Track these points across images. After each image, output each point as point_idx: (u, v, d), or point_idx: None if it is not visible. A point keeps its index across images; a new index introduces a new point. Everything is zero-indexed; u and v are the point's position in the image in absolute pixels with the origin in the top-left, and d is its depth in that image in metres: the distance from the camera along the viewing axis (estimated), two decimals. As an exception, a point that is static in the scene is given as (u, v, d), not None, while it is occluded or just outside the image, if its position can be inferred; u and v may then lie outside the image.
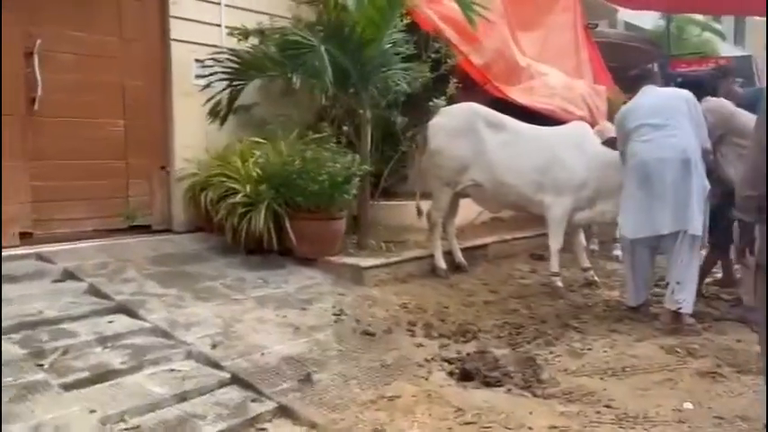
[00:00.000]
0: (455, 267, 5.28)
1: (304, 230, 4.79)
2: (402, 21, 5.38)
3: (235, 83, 5.09)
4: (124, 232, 5.12)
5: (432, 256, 5.17)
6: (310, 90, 4.94)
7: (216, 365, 3.19)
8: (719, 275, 5.02)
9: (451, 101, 5.66)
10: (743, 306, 4.17)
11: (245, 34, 5.39)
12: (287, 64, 4.80)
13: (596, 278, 5.18)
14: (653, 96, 4.26)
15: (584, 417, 2.93)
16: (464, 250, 5.45)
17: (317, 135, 5.05)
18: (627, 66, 10.74)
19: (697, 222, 3.98)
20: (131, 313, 3.68)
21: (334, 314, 4.06)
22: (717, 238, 4.39)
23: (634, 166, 4.18)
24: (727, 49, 19.27)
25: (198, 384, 2.98)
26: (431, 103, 5.42)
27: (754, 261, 2.75)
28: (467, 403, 3.05)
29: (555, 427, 2.81)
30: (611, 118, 7.28)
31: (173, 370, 3.13)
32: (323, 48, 4.52)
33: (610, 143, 4.66)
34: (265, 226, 4.70)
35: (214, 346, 3.40)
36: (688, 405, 3.02)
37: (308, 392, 3.01)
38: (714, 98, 4.47)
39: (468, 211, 6.01)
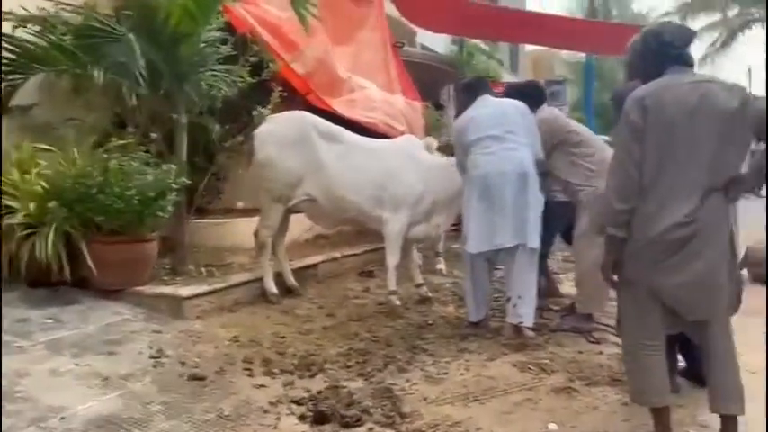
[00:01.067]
0: (286, 291, 4.81)
1: (106, 256, 4.00)
2: (218, 18, 4.82)
3: (11, 77, 4.11)
4: None
5: (260, 279, 4.65)
6: (116, 90, 4.13)
7: (-4, 444, 2.39)
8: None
9: (274, 110, 5.21)
10: (575, 316, 4.27)
11: (22, 20, 4.40)
12: (83, 56, 3.96)
13: (429, 294, 5.06)
14: (492, 107, 4.22)
15: (457, 452, 2.67)
16: (294, 271, 5.01)
17: (120, 142, 4.25)
18: (431, 84, 11.21)
19: (535, 235, 4.00)
20: None
21: (152, 356, 3.38)
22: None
23: (475, 178, 4.10)
24: (506, 76, 21.24)
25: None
26: (255, 112, 4.92)
27: (618, 277, 2.72)
28: (327, 452, 2.62)
29: (430, 470, 2.50)
30: (428, 133, 7.40)
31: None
32: (132, 37, 3.78)
33: None
34: (54, 252, 3.85)
35: (-9, 416, 2.57)
36: (553, 426, 2.90)
37: (131, 466, 2.36)
38: (548, 108, 4.55)
39: (293, 227, 5.59)
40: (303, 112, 4.99)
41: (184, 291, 4.07)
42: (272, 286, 4.60)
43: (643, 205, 2.57)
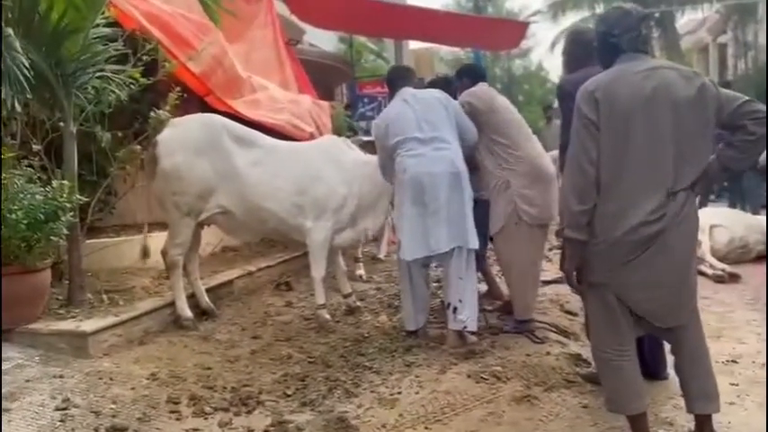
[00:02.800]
0: (202, 313, 4.34)
1: (-13, 292, 3.37)
2: (105, 12, 4.25)
3: None
4: None
5: (171, 304, 4.15)
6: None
7: None
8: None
9: (172, 113, 4.71)
10: (513, 317, 4.16)
11: None
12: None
13: (358, 303, 4.78)
14: (413, 104, 4.00)
15: (431, 485, 2.43)
16: (207, 291, 4.53)
17: (-4, 157, 3.60)
18: (325, 83, 10.92)
19: (473, 236, 3.85)
20: None
21: (58, 409, 2.85)
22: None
23: (406, 182, 3.87)
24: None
25: None
26: (152, 115, 4.39)
27: (582, 281, 2.59)
28: (288, 505, 2.29)
29: None
30: (336, 134, 7.09)
31: None
32: (11, 32, 3.17)
33: None
34: None
35: None
36: (521, 440, 2.74)
37: None
38: (478, 86, 4.34)
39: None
40: (212, 115, 4.56)
41: (87, 325, 3.52)
42: (186, 311, 4.11)
43: (604, 204, 2.44)
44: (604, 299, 2.50)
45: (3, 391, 2.94)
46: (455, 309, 3.83)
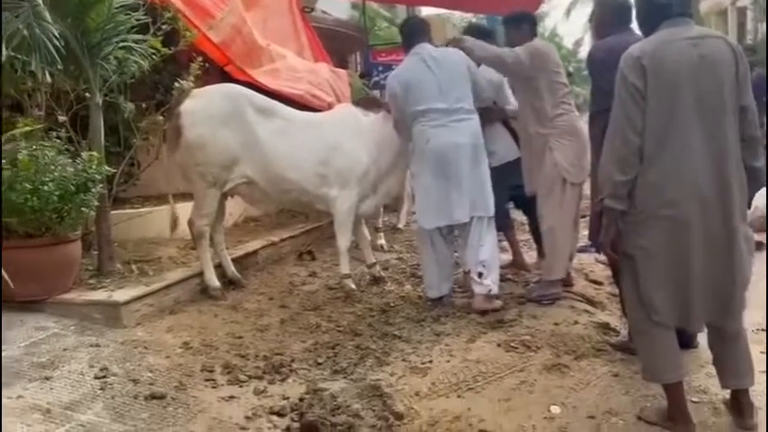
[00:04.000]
0: (228, 283, 4.37)
1: (22, 263, 3.39)
2: (125, -18, 4.20)
3: None
4: None
5: (200, 274, 4.19)
6: (22, 68, 3.44)
7: None
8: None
9: (195, 83, 4.68)
10: (541, 283, 4.16)
11: None
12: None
13: (382, 273, 4.80)
14: (434, 69, 3.94)
15: (468, 452, 2.47)
16: (234, 261, 4.56)
17: (25, 128, 3.60)
18: (339, 52, 10.79)
19: (491, 204, 3.95)
20: None
21: (97, 377, 2.91)
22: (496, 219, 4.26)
23: (428, 152, 3.89)
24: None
25: None
26: (176, 85, 4.37)
27: (620, 252, 2.57)
28: (329, 470, 2.33)
29: (447, 477, 2.28)
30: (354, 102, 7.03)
31: None
32: (39, 3, 3.13)
33: None
34: (-44, 263, 3.22)
35: None
36: (555, 409, 2.77)
37: None
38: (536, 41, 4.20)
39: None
40: (233, 85, 4.52)
41: (119, 295, 3.56)
42: (214, 281, 4.15)
43: (647, 174, 2.41)
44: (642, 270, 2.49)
45: (43, 359, 3.00)
46: (479, 274, 3.88)
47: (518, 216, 5.35)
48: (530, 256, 5.04)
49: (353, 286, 4.39)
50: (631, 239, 2.48)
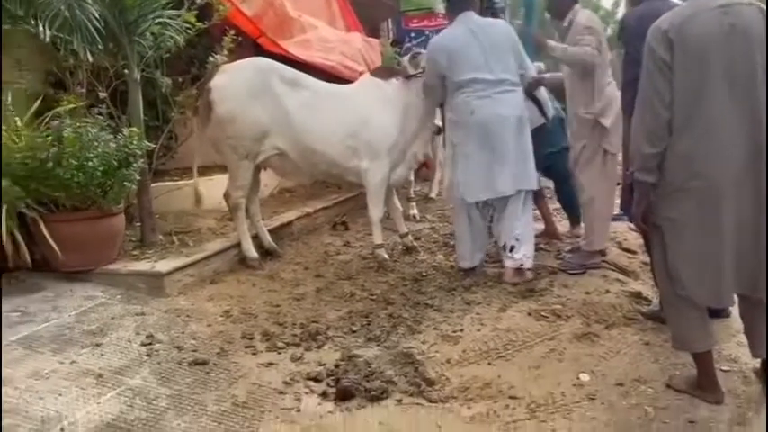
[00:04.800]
0: (265, 253, 4.50)
1: (69, 235, 3.59)
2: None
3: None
4: None
5: (238, 245, 4.32)
6: (68, 47, 3.56)
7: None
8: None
9: (229, 57, 4.75)
10: (580, 253, 4.17)
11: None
12: (13, 9, 3.39)
13: (414, 243, 4.87)
14: (482, 38, 3.92)
15: (497, 416, 2.55)
16: (270, 231, 4.69)
17: (69, 106, 3.74)
18: (371, 19, 10.68)
19: (534, 178, 3.95)
20: None
21: (144, 344, 3.06)
22: None
23: (474, 124, 3.88)
24: (440, 7, 20.67)
25: None
26: (210, 59, 4.45)
27: (650, 223, 2.58)
28: (364, 433, 2.44)
29: (478, 440, 2.37)
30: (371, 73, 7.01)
31: None
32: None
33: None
34: (8, 236, 3.41)
35: (-22, 437, 2.24)
36: (585, 376, 2.81)
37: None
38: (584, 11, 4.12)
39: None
40: (261, 58, 4.56)
41: (162, 265, 3.72)
42: (252, 251, 4.28)
43: (676, 146, 2.40)
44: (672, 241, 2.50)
45: (92, 326, 3.17)
46: (512, 247, 3.90)
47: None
48: (562, 225, 5.05)
49: (386, 256, 4.47)
50: (661, 211, 2.49)
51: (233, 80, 4.22)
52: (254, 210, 4.56)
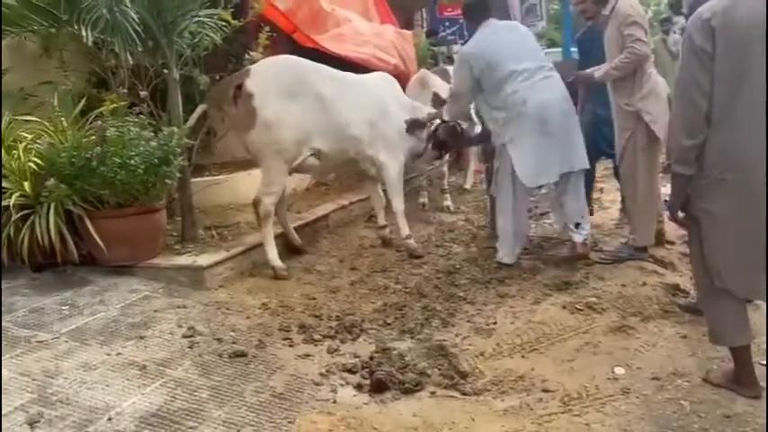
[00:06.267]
0: (293, 251, 4.48)
1: (114, 231, 3.72)
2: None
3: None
4: None
5: (278, 237, 4.37)
6: (110, 48, 3.68)
7: (46, 457, 2.20)
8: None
9: (265, 53, 4.84)
10: (630, 247, 4.13)
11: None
12: (58, 13, 3.52)
13: (392, 236, 4.80)
14: (509, 35, 4.03)
15: (530, 410, 2.57)
16: (306, 225, 4.79)
17: (111, 106, 3.86)
18: (405, 8, 10.66)
19: (586, 156, 4.03)
20: None
21: (185, 336, 3.16)
22: None
23: (527, 113, 3.89)
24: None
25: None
26: (247, 56, 4.54)
27: (688, 216, 2.55)
28: (398, 424, 2.50)
29: (510, 433, 2.39)
30: (420, 64, 7.03)
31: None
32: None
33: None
34: (57, 232, 3.56)
35: (33, 425, 2.36)
36: (620, 370, 2.82)
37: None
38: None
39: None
40: (289, 57, 4.54)
41: (203, 260, 3.82)
42: (277, 260, 4.06)
43: (714, 137, 2.37)
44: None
45: (136, 319, 3.29)
46: (577, 224, 4.02)
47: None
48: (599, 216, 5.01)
49: (416, 244, 4.50)
50: (698, 203, 2.46)
51: (271, 81, 4.08)
52: (283, 211, 4.49)
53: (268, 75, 4.14)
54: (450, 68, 5.68)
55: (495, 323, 3.30)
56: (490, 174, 4.53)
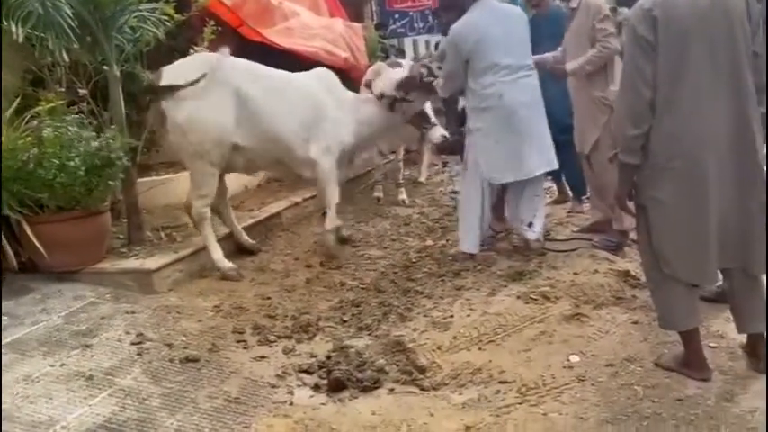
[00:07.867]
0: (244, 252, 4.34)
1: (55, 236, 3.57)
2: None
3: None
4: None
5: (227, 237, 4.29)
6: (45, 44, 3.49)
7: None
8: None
9: (210, 47, 4.70)
10: (608, 233, 4.16)
11: None
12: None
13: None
14: (504, 23, 3.97)
15: (489, 402, 2.58)
16: (259, 223, 4.70)
17: (49, 105, 3.68)
18: (355, 1, 10.56)
19: (554, 157, 4.11)
20: None
21: (134, 343, 3.06)
22: None
23: (502, 108, 3.91)
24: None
25: None
26: (192, 51, 4.40)
27: (634, 203, 2.59)
28: (357, 423, 2.47)
29: (469, 428, 2.39)
30: (369, 57, 6.97)
31: None
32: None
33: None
34: (-7, 239, 3.39)
35: (-29, 444, 2.24)
36: (575, 358, 2.84)
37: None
38: None
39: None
40: (206, 53, 4.38)
41: (151, 262, 3.70)
42: (224, 262, 3.94)
43: (659, 125, 2.40)
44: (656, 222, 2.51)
45: (82, 327, 3.16)
46: (530, 223, 4.08)
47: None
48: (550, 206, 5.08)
49: (333, 243, 4.39)
50: (645, 191, 2.50)
51: (180, 81, 3.82)
52: (227, 212, 4.33)
53: (177, 75, 3.90)
54: (403, 62, 5.62)
55: (451, 316, 3.29)
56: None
